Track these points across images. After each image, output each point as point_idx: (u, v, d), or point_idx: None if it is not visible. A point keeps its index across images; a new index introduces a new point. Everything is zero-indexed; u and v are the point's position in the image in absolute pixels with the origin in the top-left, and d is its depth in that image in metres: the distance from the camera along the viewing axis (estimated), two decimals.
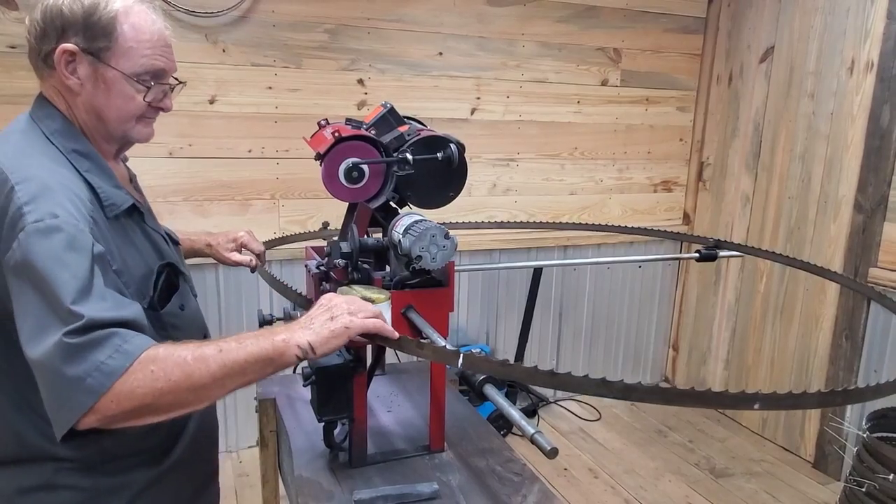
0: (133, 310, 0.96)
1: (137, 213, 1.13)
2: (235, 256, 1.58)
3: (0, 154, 1.00)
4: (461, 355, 0.93)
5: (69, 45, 1.02)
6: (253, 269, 1.60)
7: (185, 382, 0.89)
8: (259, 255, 1.61)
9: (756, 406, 0.87)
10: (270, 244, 1.80)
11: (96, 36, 1.03)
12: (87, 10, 1.02)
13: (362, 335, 1.02)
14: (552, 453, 0.84)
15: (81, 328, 0.87)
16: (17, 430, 1.04)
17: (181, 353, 0.91)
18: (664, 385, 0.86)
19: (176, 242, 1.31)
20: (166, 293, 1.12)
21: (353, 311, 1.02)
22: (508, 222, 2.47)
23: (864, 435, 2.21)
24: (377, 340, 1.04)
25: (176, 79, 1.15)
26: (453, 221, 2.16)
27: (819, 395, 0.92)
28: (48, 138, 1.05)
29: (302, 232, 2.14)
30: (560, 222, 2.35)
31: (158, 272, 1.11)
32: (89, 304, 0.89)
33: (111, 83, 1.05)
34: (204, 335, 1.27)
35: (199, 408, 0.96)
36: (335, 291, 1.32)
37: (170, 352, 0.91)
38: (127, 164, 1.27)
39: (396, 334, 1.03)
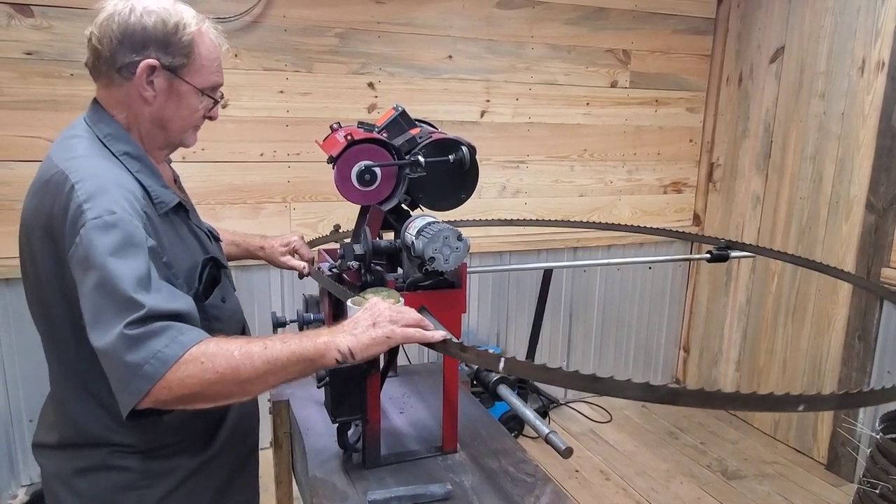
0: (186, 302, 1.03)
1: (183, 210, 1.21)
2: (291, 261, 1.63)
3: (61, 157, 1.09)
4: (502, 359, 0.93)
5: (152, 61, 1.10)
6: (302, 276, 1.63)
7: (231, 375, 0.96)
8: (309, 261, 1.65)
9: (801, 408, 0.87)
10: (315, 242, 1.82)
11: (176, 54, 1.12)
12: (169, 30, 1.10)
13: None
14: (567, 453, 0.84)
15: (141, 318, 0.94)
16: (77, 417, 1.13)
17: (230, 348, 0.97)
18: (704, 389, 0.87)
19: (217, 239, 1.37)
20: (209, 286, 1.19)
21: (395, 318, 1.05)
22: (520, 220, 2.47)
23: (878, 436, 2.20)
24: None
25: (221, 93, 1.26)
26: (466, 219, 2.15)
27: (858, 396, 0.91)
28: (101, 141, 1.12)
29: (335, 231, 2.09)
30: (571, 220, 2.35)
31: (203, 265, 1.17)
32: (148, 295, 0.96)
33: (184, 96, 1.15)
34: (243, 328, 1.34)
35: (243, 399, 1.01)
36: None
37: (220, 346, 0.97)
38: (171, 166, 1.34)
39: (439, 336, 1.05)
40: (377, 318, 1.04)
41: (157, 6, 1.11)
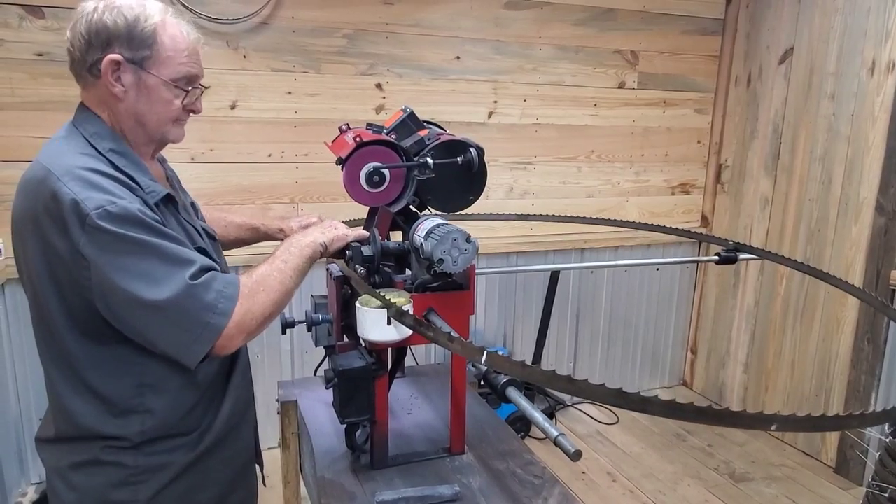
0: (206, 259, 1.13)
1: (173, 203, 1.21)
2: None
3: (42, 154, 1.11)
4: (485, 352, 0.94)
5: (115, 56, 1.10)
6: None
7: (281, 288, 1.16)
8: None
9: (773, 427, 0.85)
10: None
11: (139, 46, 1.11)
12: (130, 23, 1.10)
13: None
14: (576, 456, 0.84)
15: (198, 271, 1.07)
16: (72, 410, 1.14)
17: (265, 272, 1.16)
18: (681, 401, 0.84)
19: (213, 238, 1.38)
20: None
21: (339, 226, 1.38)
22: (530, 215, 2.47)
23: (887, 440, 2.18)
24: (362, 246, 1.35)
25: (201, 84, 1.24)
26: (474, 213, 2.11)
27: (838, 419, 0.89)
28: (87, 140, 1.14)
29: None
30: (580, 216, 2.34)
31: None
32: (192, 253, 1.09)
33: (153, 89, 1.14)
34: None
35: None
36: (357, 298, 1.34)
37: (258, 275, 1.15)
38: (166, 165, 1.36)
39: (366, 234, 1.39)
40: (326, 227, 1.35)
41: (121, 2, 1.12)
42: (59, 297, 1.09)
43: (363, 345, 1.39)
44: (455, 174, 1.43)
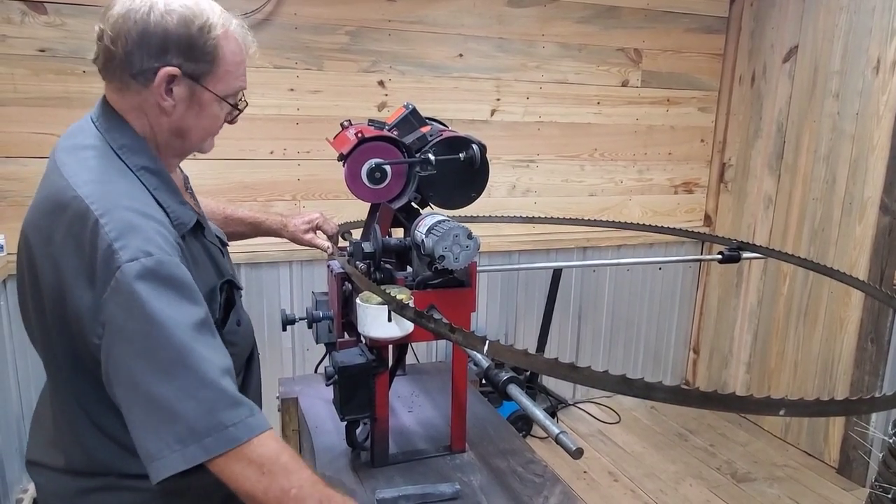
0: (227, 351, 0.98)
1: (199, 227, 1.13)
2: (315, 240, 1.62)
3: (76, 177, 0.97)
4: (487, 341, 0.93)
5: (173, 69, 0.99)
6: (331, 255, 1.61)
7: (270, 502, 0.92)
8: (332, 237, 1.63)
9: (781, 412, 0.85)
10: (346, 227, 1.81)
11: (200, 60, 1.01)
12: (193, 33, 0.99)
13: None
14: (577, 454, 0.84)
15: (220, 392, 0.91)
16: (86, 446, 1.05)
17: (292, 480, 0.93)
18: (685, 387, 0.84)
19: (224, 244, 1.31)
20: (226, 311, 1.13)
21: None
22: (533, 217, 2.46)
23: (891, 440, 2.17)
24: None
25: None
26: (478, 215, 2.11)
27: (846, 403, 0.89)
28: (116, 153, 1.02)
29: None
30: (583, 219, 2.33)
31: (220, 291, 1.11)
32: (209, 356, 0.92)
33: (205, 105, 1.05)
34: (252, 345, 1.28)
35: None
36: (357, 295, 1.33)
37: (287, 468, 0.93)
38: (181, 166, 1.26)
39: None
40: None
41: (179, 4, 0.98)
42: (69, 340, 0.98)
43: (364, 342, 1.38)
44: (457, 171, 1.42)
